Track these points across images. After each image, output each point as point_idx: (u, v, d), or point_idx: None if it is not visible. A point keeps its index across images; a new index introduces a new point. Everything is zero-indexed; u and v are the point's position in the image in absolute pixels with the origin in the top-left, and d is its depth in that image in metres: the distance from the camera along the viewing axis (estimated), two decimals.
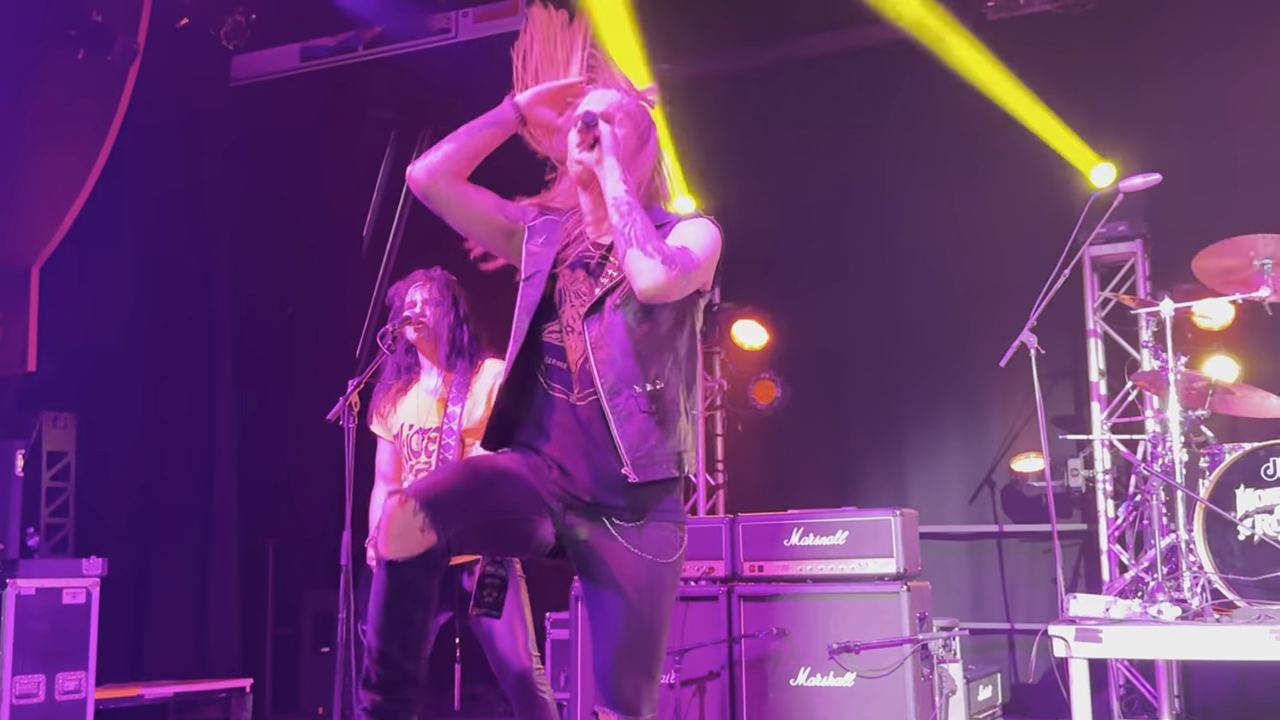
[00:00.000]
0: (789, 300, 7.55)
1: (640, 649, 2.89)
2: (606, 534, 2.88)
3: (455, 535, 2.69)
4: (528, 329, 2.95)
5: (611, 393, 2.86)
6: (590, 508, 2.88)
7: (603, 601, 2.89)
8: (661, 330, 2.92)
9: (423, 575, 2.67)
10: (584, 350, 2.89)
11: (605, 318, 2.91)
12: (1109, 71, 6.74)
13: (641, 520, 2.88)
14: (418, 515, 2.64)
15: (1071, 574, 6.78)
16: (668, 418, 2.90)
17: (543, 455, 2.91)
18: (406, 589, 2.67)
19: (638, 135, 3.01)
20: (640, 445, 2.85)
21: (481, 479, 2.82)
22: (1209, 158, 6.30)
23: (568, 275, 2.99)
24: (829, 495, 7.06)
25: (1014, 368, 4.78)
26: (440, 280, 4.22)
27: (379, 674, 2.71)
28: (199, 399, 7.71)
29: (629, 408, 2.86)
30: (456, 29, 7.32)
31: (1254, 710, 5.83)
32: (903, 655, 4.82)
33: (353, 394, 4.04)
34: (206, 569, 7.61)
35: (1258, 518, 4.76)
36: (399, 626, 2.70)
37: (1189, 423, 5.30)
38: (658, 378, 2.90)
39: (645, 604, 2.87)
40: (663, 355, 2.93)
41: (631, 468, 2.83)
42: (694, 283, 2.92)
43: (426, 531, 2.64)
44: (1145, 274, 6.75)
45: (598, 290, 2.93)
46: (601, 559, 2.88)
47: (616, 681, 2.88)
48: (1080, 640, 4.18)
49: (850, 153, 7.42)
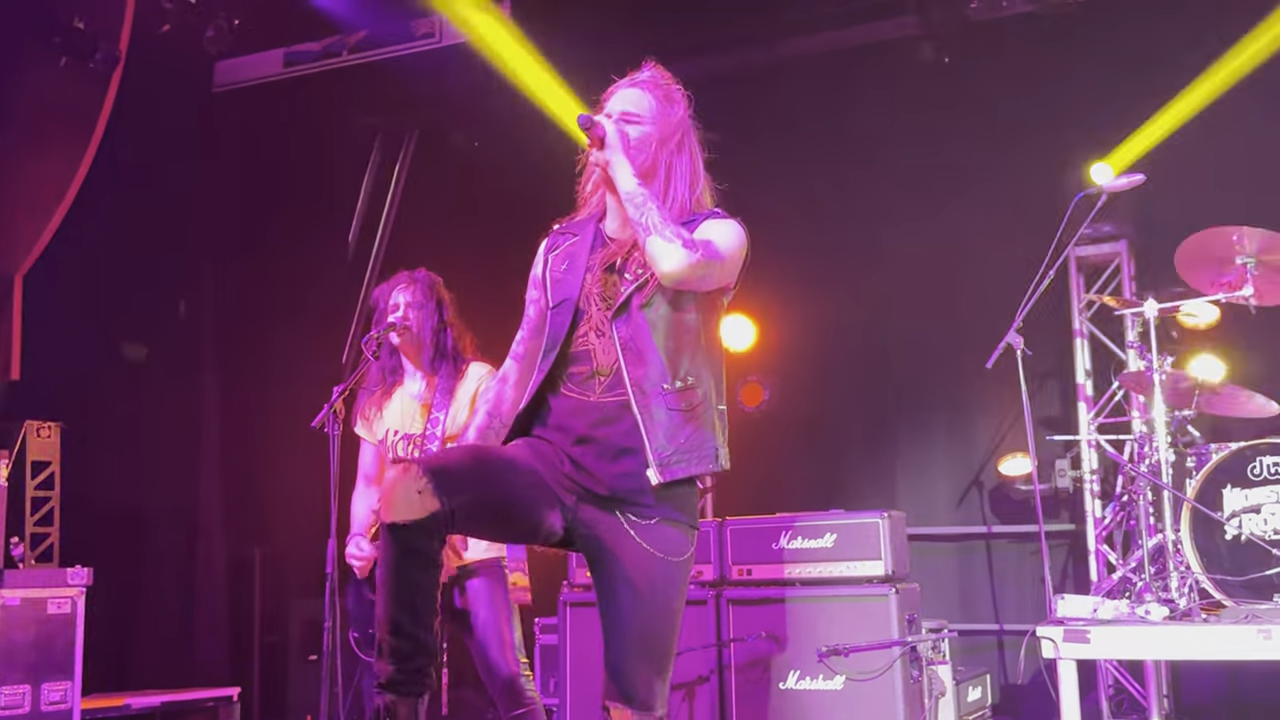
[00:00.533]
0: (775, 302, 7.54)
1: (652, 644, 2.90)
2: (619, 528, 2.90)
3: (459, 506, 2.74)
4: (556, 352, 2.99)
5: (640, 392, 2.88)
6: (606, 501, 2.91)
7: (616, 595, 2.90)
8: (689, 326, 2.95)
9: (425, 539, 2.72)
10: (615, 353, 2.93)
11: (633, 317, 2.94)
12: (1092, 72, 6.74)
13: (655, 518, 2.91)
14: (420, 479, 2.70)
15: (1060, 575, 6.79)
16: (698, 413, 2.92)
17: (555, 447, 2.93)
18: (411, 552, 2.72)
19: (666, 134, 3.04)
20: (668, 444, 2.88)
21: (489, 463, 2.87)
22: (1193, 158, 6.32)
23: (591, 279, 3.02)
24: (817, 498, 7.05)
25: (1000, 369, 4.79)
26: (424, 282, 4.20)
27: (391, 644, 2.74)
28: (184, 407, 7.68)
29: (658, 405, 2.88)
30: (440, 33, 7.30)
31: (1244, 710, 5.84)
32: (892, 658, 4.82)
33: (337, 401, 4.03)
34: (193, 577, 7.57)
35: (1244, 517, 4.77)
36: (407, 592, 2.73)
37: (1175, 423, 5.31)
38: (688, 374, 2.92)
39: (658, 600, 2.90)
40: (692, 351, 2.95)
41: (657, 467, 2.86)
42: (719, 275, 2.95)
43: (428, 497, 2.69)
44: (1130, 274, 6.77)
45: (624, 289, 2.96)
46: (614, 553, 2.90)
47: (629, 676, 2.89)
48: (1068, 641, 4.18)
49: (838, 155, 7.42)
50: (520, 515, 2.89)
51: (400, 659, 2.74)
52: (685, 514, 2.95)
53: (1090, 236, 6.25)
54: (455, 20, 7.00)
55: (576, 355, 2.97)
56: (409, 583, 2.73)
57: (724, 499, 7.67)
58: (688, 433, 2.89)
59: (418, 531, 2.69)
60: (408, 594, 2.73)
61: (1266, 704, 5.76)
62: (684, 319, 2.94)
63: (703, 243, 2.89)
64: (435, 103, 7.73)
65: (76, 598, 5.56)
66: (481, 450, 2.97)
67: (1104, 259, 6.86)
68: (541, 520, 2.90)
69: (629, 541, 2.88)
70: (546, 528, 2.91)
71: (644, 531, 2.89)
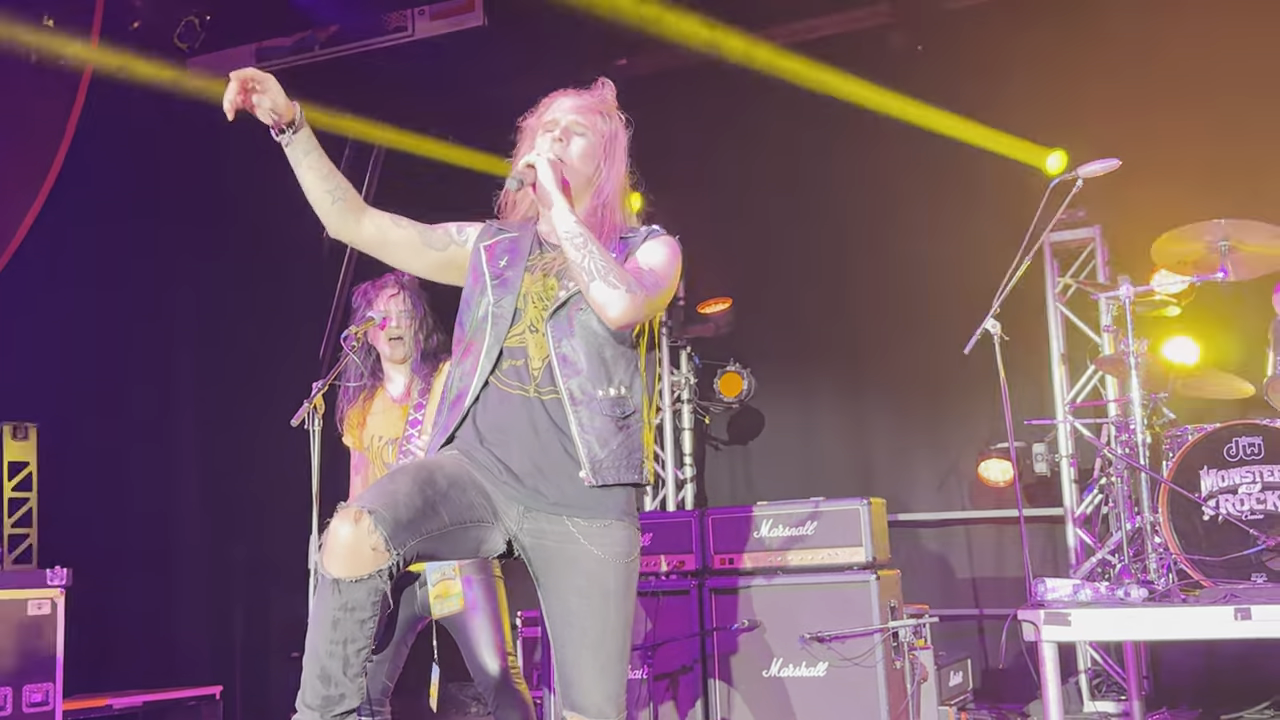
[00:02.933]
0: (754, 292, 7.56)
1: (609, 650, 2.86)
2: (568, 535, 2.86)
3: (407, 551, 2.65)
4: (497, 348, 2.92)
5: (573, 398, 2.86)
6: (553, 507, 2.87)
7: (566, 602, 2.87)
8: (624, 337, 2.93)
9: (369, 594, 2.62)
10: (547, 350, 2.89)
11: (571, 320, 2.91)
12: (1065, 59, 6.77)
13: (599, 520, 2.87)
14: (372, 534, 2.58)
15: (1039, 559, 6.82)
16: (630, 424, 2.91)
17: (497, 457, 2.87)
18: (354, 608, 2.61)
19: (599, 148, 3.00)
20: (601, 450, 2.85)
21: (436, 489, 2.74)
22: (1165, 143, 6.36)
23: (530, 280, 2.98)
24: (797, 486, 7.09)
25: (978, 355, 4.80)
26: (412, 289, 4.20)
27: (320, 691, 2.64)
28: (162, 405, 7.63)
29: (591, 411, 2.86)
30: (413, 27, 7.27)
31: (1222, 691, 5.89)
32: (874, 644, 4.84)
33: (316, 397, 4.00)
34: (173, 576, 7.54)
35: (1221, 498, 4.81)
36: (341, 645, 2.63)
37: (1151, 405, 5.35)
38: (621, 383, 2.92)
39: (611, 605, 2.86)
40: (627, 362, 2.94)
41: (590, 472, 2.84)
42: (660, 304, 2.95)
43: (379, 552, 2.59)
44: (1104, 259, 6.81)
45: (561, 293, 2.93)
46: (562, 559, 2.87)
47: (583, 684, 2.85)
48: (1049, 624, 4.20)
49: (814, 144, 7.44)
50: (463, 538, 2.81)
51: (327, 706, 2.64)
52: (630, 515, 2.92)
53: (1065, 222, 6.27)
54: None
55: (512, 351, 2.93)
56: (345, 636, 2.62)
57: (705, 489, 7.70)
58: (619, 440, 2.88)
59: (363, 588, 2.60)
60: (341, 647, 2.62)
61: (1244, 684, 5.81)
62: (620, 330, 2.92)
63: (647, 275, 2.88)
64: (408, 97, 7.70)
65: (56, 599, 5.53)
66: (428, 475, 2.78)
67: (1078, 244, 6.91)
68: (484, 539, 2.85)
69: (579, 548, 2.85)
70: (489, 545, 2.87)
71: (593, 536, 2.86)
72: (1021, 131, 6.63)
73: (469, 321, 3.03)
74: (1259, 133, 6.32)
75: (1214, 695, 5.86)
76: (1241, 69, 6.36)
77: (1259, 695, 5.71)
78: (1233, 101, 6.36)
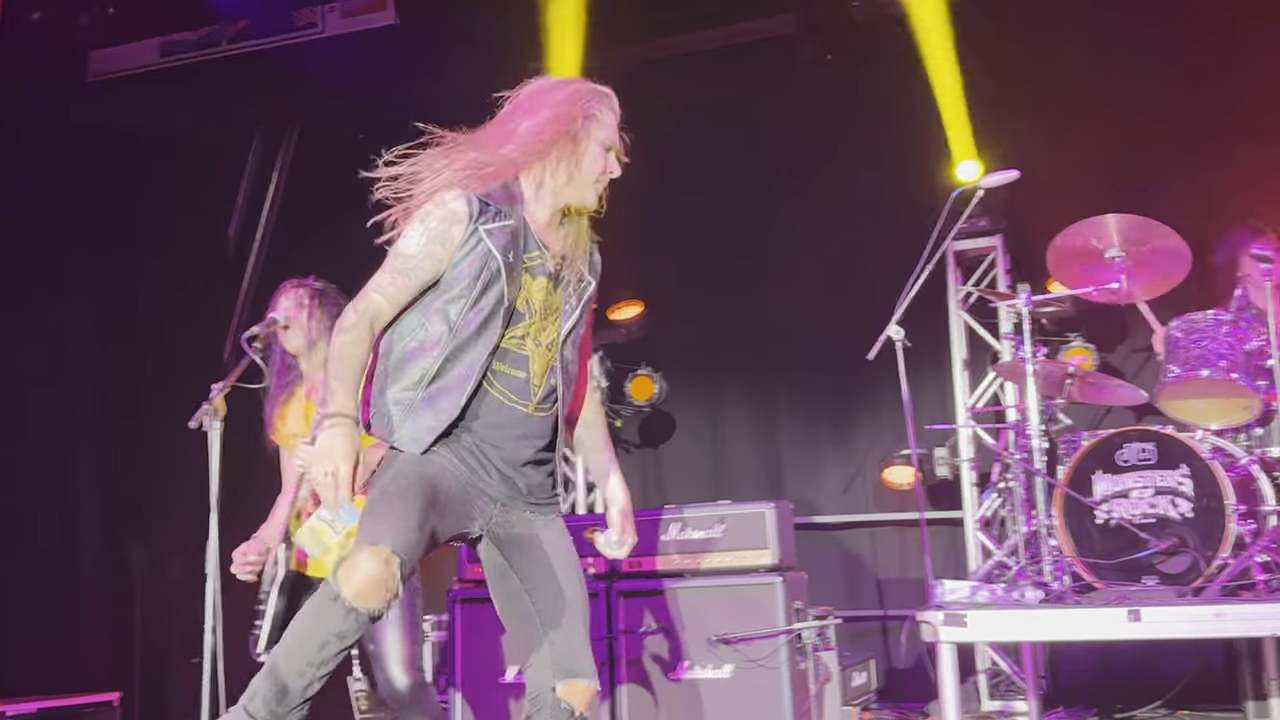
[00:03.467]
0: (664, 295, 7.59)
1: (587, 613, 3.06)
2: (534, 522, 3.08)
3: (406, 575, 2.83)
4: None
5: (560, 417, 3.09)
6: (530, 506, 3.08)
7: (554, 575, 3.03)
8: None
9: (361, 628, 2.75)
10: (554, 371, 3.05)
11: (573, 340, 3.12)
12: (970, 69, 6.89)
13: (554, 512, 3.16)
14: (394, 579, 2.72)
15: (941, 560, 6.94)
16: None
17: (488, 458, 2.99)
18: (346, 636, 2.74)
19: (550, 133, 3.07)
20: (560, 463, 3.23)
21: (437, 512, 2.88)
22: (1066, 154, 6.50)
23: (530, 282, 3.02)
24: (708, 489, 7.13)
25: (881, 360, 4.88)
26: (309, 287, 4.19)
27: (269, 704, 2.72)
28: (58, 405, 7.45)
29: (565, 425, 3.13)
30: (324, 24, 7.19)
31: (1118, 690, 6.03)
32: (779, 645, 4.89)
33: (216, 399, 3.95)
34: (70, 580, 7.35)
35: (1114, 502, 4.93)
36: (315, 668, 2.74)
37: (1048, 411, 5.47)
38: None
39: (579, 574, 3.09)
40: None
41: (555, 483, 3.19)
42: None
43: (391, 593, 2.74)
44: (1006, 268, 6.96)
45: (568, 312, 3.07)
46: (538, 542, 3.06)
47: (581, 649, 3.00)
48: (947, 625, 4.29)
49: (723, 147, 7.50)
50: (445, 541, 3.00)
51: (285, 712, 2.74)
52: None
53: (967, 231, 6.39)
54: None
55: (515, 358, 2.99)
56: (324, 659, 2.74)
57: None
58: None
59: (364, 620, 2.73)
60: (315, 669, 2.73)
61: (1139, 683, 5.96)
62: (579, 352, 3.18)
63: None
64: (318, 95, 7.62)
65: None
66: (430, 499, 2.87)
67: (980, 252, 7.05)
68: (462, 538, 3.07)
69: (546, 531, 3.09)
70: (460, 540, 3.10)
71: (550, 522, 3.13)
72: (926, 141, 6.73)
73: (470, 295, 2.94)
74: (1157, 142, 6.49)
75: (1110, 695, 6.00)
76: (1138, 78, 6.52)
77: (1152, 695, 5.86)
78: (1131, 113, 6.52)
